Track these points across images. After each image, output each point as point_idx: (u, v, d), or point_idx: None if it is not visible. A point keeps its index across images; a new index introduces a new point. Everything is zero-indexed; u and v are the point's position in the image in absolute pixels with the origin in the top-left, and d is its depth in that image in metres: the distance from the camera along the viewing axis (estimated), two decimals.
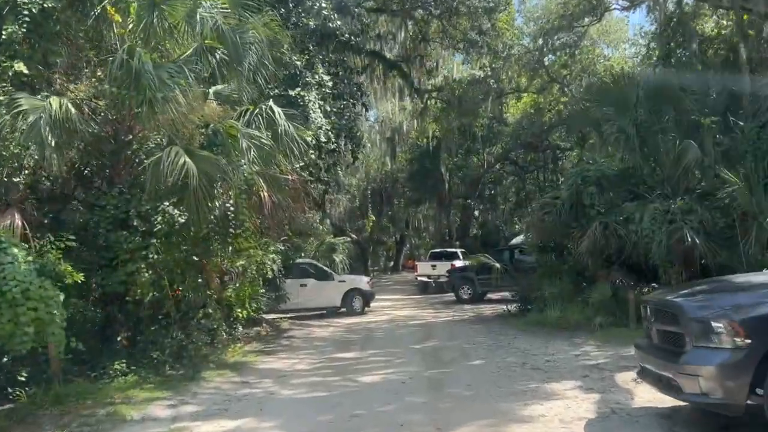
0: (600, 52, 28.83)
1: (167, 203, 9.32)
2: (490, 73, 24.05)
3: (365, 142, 38.21)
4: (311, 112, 14.18)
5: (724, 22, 15.97)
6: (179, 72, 8.46)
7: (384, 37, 23.24)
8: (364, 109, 34.92)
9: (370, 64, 22.21)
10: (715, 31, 15.89)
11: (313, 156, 14.27)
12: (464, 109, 22.54)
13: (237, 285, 11.76)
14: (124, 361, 8.70)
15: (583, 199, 12.68)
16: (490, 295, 22.12)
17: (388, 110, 26.68)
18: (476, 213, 41.21)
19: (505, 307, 18.20)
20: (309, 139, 13.84)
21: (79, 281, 7.71)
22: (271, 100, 10.47)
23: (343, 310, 17.81)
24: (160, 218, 9.26)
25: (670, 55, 15.37)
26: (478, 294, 21.52)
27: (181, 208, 9.08)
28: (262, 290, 13.61)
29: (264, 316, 15.37)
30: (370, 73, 22.53)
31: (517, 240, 30.34)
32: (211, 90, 10.87)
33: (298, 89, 14.20)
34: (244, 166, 8.96)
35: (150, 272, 9.31)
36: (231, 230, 9.15)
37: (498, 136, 34.67)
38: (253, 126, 9.85)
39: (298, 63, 14.32)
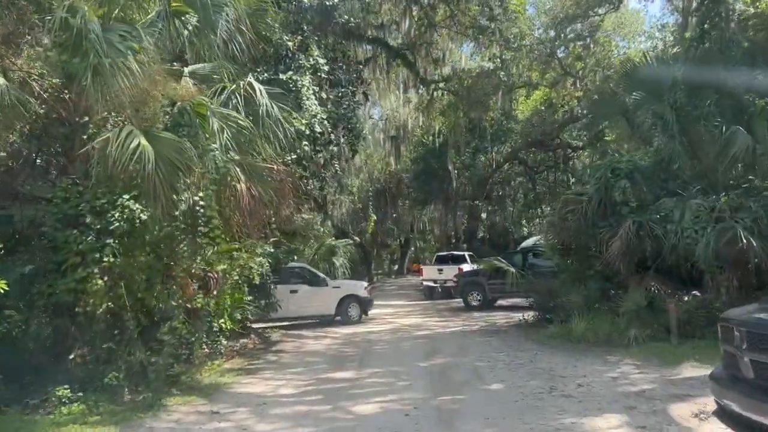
0: (616, 45, 27.21)
1: (127, 196, 7.81)
2: (500, 65, 22.48)
3: (366, 135, 36.93)
4: (305, 98, 12.65)
5: None
6: (135, 36, 6.95)
7: (387, 27, 21.71)
8: (365, 99, 33.66)
9: (372, 56, 20.64)
10: (752, 9, 14.29)
11: (306, 148, 12.75)
12: (473, 101, 20.94)
13: (216, 293, 10.21)
14: (67, 387, 7.18)
15: (613, 194, 11.10)
16: (501, 302, 20.62)
17: (392, 104, 25.10)
18: (483, 215, 39.56)
19: (520, 315, 16.66)
20: (302, 128, 12.36)
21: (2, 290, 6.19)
22: (251, 76, 8.92)
23: (338, 318, 16.23)
24: (117, 214, 7.74)
25: (704, 37, 13.77)
26: (488, 300, 19.98)
27: (144, 201, 7.56)
28: (249, 298, 12.11)
29: (254, 326, 13.88)
30: (373, 63, 20.93)
31: (528, 242, 28.81)
32: (187, 69, 9.41)
33: (290, 73, 12.68)
34: (216, 152, 7.43)
35: (105, 278, 7.82)
36: (200, 228, 7.60)
37: (507, 134, 33.07)
38: (230, 106, 8.34)
39: (290, 44, 12.79)
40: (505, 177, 37.30)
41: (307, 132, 12.53)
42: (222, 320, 10.57)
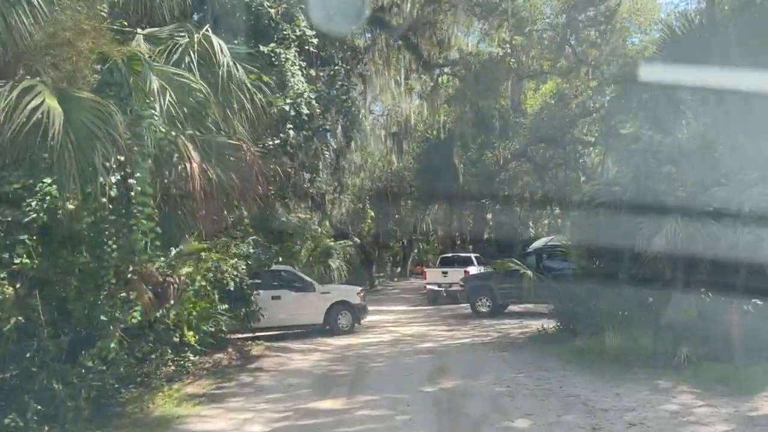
0: (632, 32, 25.32)
1: (49, 180, 6.03)
2: (510, 51, 20.65)
3: (364, 125, 35.22)
4: (289, 75, 10.85)
5: None
6: None
7: (387, 9, 19.91)
8: (361, 81, 31.86)
9: (372, 43, 18.80)
10: None
11: (291, 132, 10.95)
12: (482, 88, 19.10)
13: (174, 302, 8.42)
14: None
15: (654, 183, 9.29)
16: (512, 308, 18.82)
17: (392, 91, 23.30)
18: (489, 215, 37.69)
19: (536, 324, 14.88)
20: (286, 108, 10.58)
21: None
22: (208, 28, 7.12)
23: (328, 328, 14.34)
24: (35, 203, 5.98)
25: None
26: (498, 306, 18.17)
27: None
28: (224, 306, 10.33)
29: (237, 336, 12.12)
30: (372, 47, 19.08)
31: (539, 243, 27.14)
32: (141, 31, 7.64)
33: (273, 44, 10.88)
34: (153, 119, 5.63)
35: (18, 285, 6.06)
36: (134, 218, 5.79)
37: (515, 129, 31.26)
38: (183, 66, 6.55)
39: (272, 11, 11.00)
40: (512, 175, 35.47)
41: (292, 113, 10.73)
42: (184, 334, 8.79)
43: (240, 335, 12.14)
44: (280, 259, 13.23)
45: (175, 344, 8.90)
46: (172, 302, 8.13)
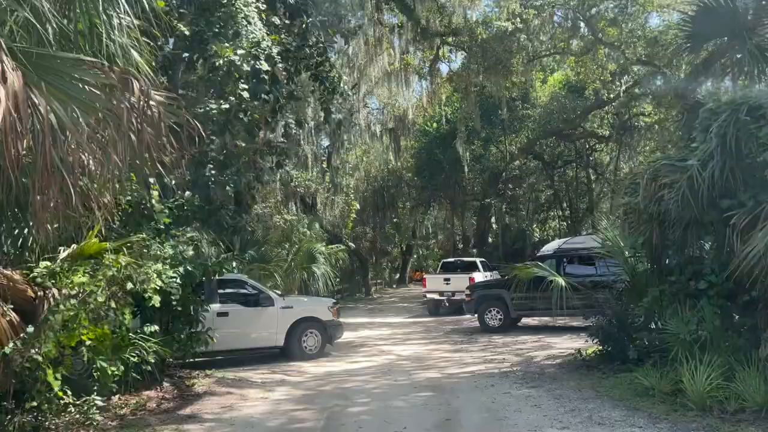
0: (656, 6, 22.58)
1: None
2: (520, 26, 17.92)
3: (357, 122, 32.54)
4: (242, 20, 8.09)
5: None
6: None
7: None
8: (344, 42, 29.03)
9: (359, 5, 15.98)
10: None
11: (245, 93, 8.18)
12: (490, 62, 16.30)
13: (47, 324, 5.60)
14: None
15: (751, 152, 6.52)
16: (525, 320, 16.05)
17: (385, 66, 20.48)
18: (493, 217, 34.89)
19: (561, 342, 12.21)
20: (237, 60, 7.82)
21: None
22: None
23: (294, 351, 11.45)
24: None
25: None
26: (510, 319, 15.38)
27: None
28: (153, 328, 7.56)
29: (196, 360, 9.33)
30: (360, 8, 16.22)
31: (552, 246, 24.48)
32: None
33: None
34: None
35: None
36: None
37: (523, 120, 28.56)
38: None
39: None
40: (519, 172, 32.72)
41: (246, 68, 7.95)
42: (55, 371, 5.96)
43: (192, 360, 9.32)
44: (234, 267, 10.30)
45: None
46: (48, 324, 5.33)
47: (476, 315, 15.81)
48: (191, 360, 9.13)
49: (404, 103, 33.45)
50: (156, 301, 7.18)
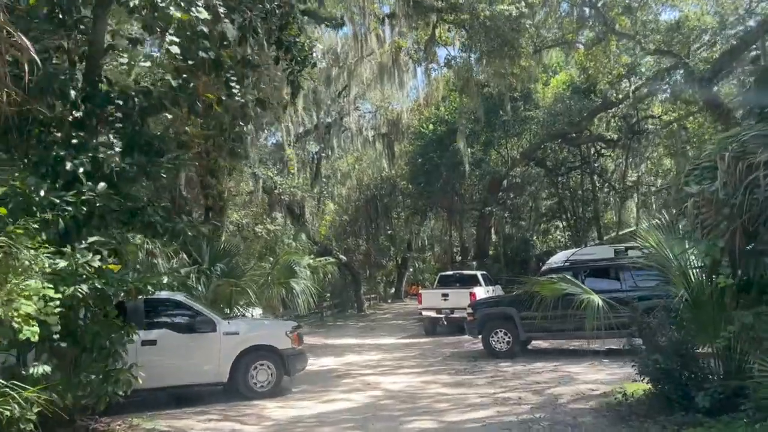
0: None
1: None
2: (525, 11, 15.85)
3: (347, 127, 30.49)
4: None
5: None
6: None
7: None
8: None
9: None
10: None
11: (174, 49, 6.02)
12: (493, 44, 14.17)
13: None
14: None
15: None
16: (535, 342, 13.86)
17: (373, 46, 18.29)
18: (493, 227, 32.62)
19: (584, 371, 10.09)
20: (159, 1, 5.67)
21: None
22: None
23: (251, 387, 9.20)
24: None
25: None
26: (520, 343, 13.16)
27: None
28: (44, 369, 5.36)
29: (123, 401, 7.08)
30: None
31: (558, 258, 22.37)
32: None
33: None
34: None
35: None
36: None
37: (525, 124, 26.47)
38: None
39: None
40: (520, 180, 30.58)
41: (175, 13, 5.80)
42: None
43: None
44: (173, 284, 7.99)
45: None
46: None
47: (480, 337, 13.60)
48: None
49: (398, 106, 31.51)
50: (31, 333, 4.95)
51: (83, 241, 6.22)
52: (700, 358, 6.12)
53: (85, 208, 6.26)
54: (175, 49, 6.05)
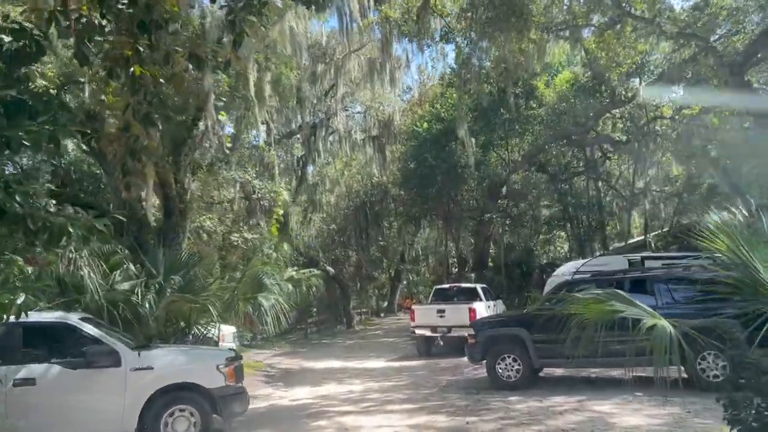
0: None
1: None
2: None
3: (334, 129, 28.25)
4: None
5: None
6: None
7: None
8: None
9: None
10: None
11: None
12: (500, 13, 11.98)
13: None
14: None
15: None
16: (547, 369, 11.62)
17: (356, 18, 16.07)
18: (493, 237, 30.30)
19: (618, 411, 7.88)
20: None
21: None
22: None
23: None
24: None
25: None
26: (531, 370, 10.90)
27: None
28: None
29: None
30: None
31: (566, 269, 20.28)
32: None
33: None
34: None
35: None
36: None
37: (528, 123, 24.36)
38: None
39: None
40: (521, 186, 28.38)
41: None
42: None
43: None
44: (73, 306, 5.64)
45: None
46: None
47: (483, 363, 11.33)
48: None
49: (390, 108, 29.35)
50: None
51: None
52: None
53: None
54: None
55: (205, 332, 12.76)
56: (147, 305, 10.94)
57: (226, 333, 15.16)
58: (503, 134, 23.09)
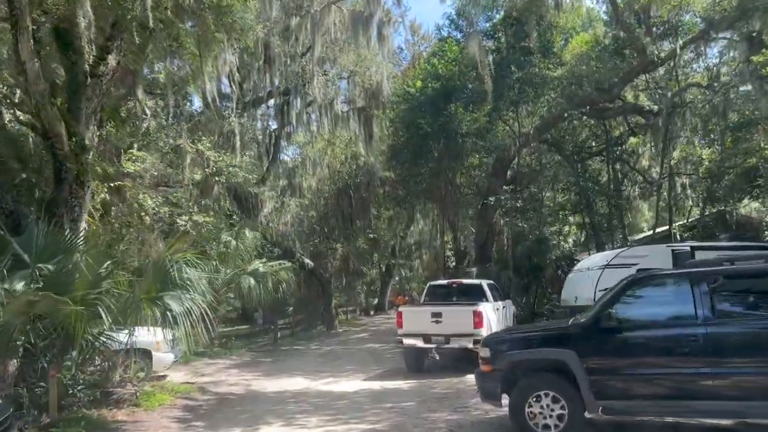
0: None
1: None
2: None
3: (312, 96, 23.94)
4: None
5: None
6: None
7: None
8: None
9: None
10: None
11: None
12: None
13: None
14: None
15: None
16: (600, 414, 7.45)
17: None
18: (496, 221, 25.89)
19: None
20: None
21: None
22: None
23: None
24: None
25: None
26: (583, 418, 6.78)
27: None
28: None
29: None
30: None
31: (593, 261, 16.66)
32: None
33: None
34: None
35: None
36: None
37: (541, 88, 20.23)
38: None
39: None
40: (532, 165, 24.18)
41: None
42: None
43: None
44: None
45: None
46: None
47: (508, 407, 7.22)
48: None
49: (378, 74, 25.07)
50: None
51: None
52: None
53: None
54: None
55: (98, 344, 9.06)
56: None
57: (160, 340, 11.11)
58: (514, 96, 18.88)
